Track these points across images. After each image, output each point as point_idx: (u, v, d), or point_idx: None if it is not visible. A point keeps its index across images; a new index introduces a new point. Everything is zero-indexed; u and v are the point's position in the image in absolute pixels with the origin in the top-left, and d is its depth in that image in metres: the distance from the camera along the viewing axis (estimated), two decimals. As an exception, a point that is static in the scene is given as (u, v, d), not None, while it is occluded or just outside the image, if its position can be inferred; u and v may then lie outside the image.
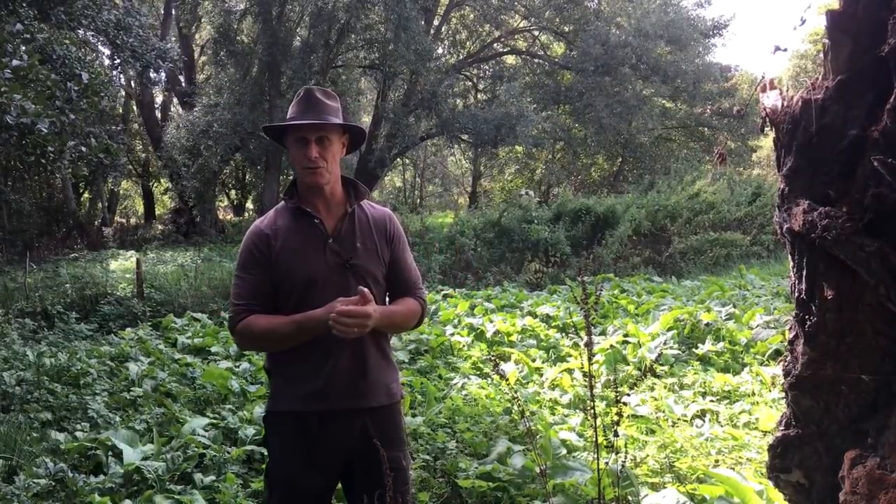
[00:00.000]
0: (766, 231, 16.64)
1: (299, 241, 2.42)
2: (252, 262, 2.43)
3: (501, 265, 16.22)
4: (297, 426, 2.40)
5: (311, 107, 2.43)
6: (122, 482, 4.04)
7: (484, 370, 6.90)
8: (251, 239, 2.46)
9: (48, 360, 6.52)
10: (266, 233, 2.44)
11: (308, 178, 2.42)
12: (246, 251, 2.46)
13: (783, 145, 1.73)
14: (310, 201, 2.47)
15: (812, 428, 1.78)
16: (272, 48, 20.06)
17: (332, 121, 2.44)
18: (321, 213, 2.46)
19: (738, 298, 9.67)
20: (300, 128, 2.41)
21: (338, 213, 2.49)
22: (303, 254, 2.40)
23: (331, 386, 2.37)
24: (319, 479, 2.42)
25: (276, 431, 2.47)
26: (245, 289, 2.43)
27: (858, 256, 1.49)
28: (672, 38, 24.64)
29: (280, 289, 2.40)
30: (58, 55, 8.82)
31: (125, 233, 24.24)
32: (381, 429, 2.42)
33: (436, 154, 33.43)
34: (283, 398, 2.44)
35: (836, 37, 1.57)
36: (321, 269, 2.39)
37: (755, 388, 5.80)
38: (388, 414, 2.48)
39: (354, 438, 2.39)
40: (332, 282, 2.38)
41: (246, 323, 2.38)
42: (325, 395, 2.38)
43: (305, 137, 2.40)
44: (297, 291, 2.37)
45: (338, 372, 2.38)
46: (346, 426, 2.40)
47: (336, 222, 2.47)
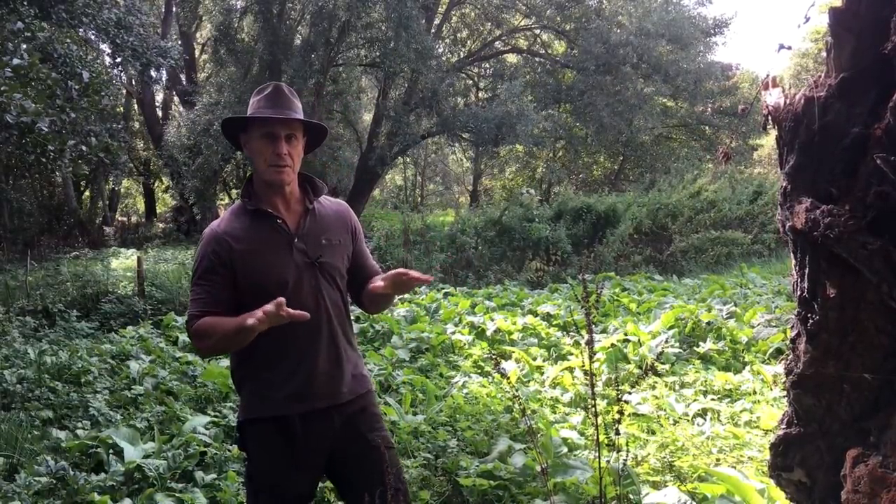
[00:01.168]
0: (768, 230, 16.62)
1: (263, 243, 2.34)
2: (208, 269, 2.31)
3: (502, 264, 16.23)
4: (277, 431, 2.35)
5: (280, 103, 2.34)
6: (123, 480, 4.04)
7: (485, 368, 6.90)
8: (209, 244, 2.34)
9: (49, 358, 6.52)
10: (225, 237, 2.33)
11: (274, 175, 2.33)
12: (204, 258, 2.33)
13: (785, 143, 1.73)
14: (269, 201, 2.39)
15: (814, 426, 1.78)
16: (273, 47, 20.05)
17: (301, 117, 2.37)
18: (281, 212, 2.39)
19: (740, 297, 9.66)
20: (269, 123, 2.32)
21: (297, 210, 2.43)
22: (269, 256, 2.33)
23: (311, 386, 2.35)
24: (305, 479, 2.41)
25: (256, 438, 2.39)
26: (204, 296, 2.30)
27: (861, 255, 1.49)
28: (673, 36, 24.60)
29: (248, 292, 2.30)
30: (59, 54, 8.83)
31: (126, 231, 24.28)
32: (362, 415, 2.44)
33: (436, 152, 33.41)
34: (260, 404, 2.37)
35: (838, 34, 1.57)
36: (290, 270, 2.33)
37: (756, 387, 5.79)
38: (365, 400, 2.48)
39: (336, 432, 2.39)
40: (303, 281, 2.34)
41: (199, 327, 2.25)
42: (306, 396, 2.34)
43: (274, 133, 2.31)
44: (267, 294, 2.19)
45: (316, 372, 2.35)
46: (327, 423, 2.38)
47: (298, 221, 2.40)
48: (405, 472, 4.10)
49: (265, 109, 2.34)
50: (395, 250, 15.79)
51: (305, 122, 2.42)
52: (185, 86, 23.72)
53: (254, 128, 2.36)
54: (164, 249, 18.74)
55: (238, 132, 2.44)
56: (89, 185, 25.58)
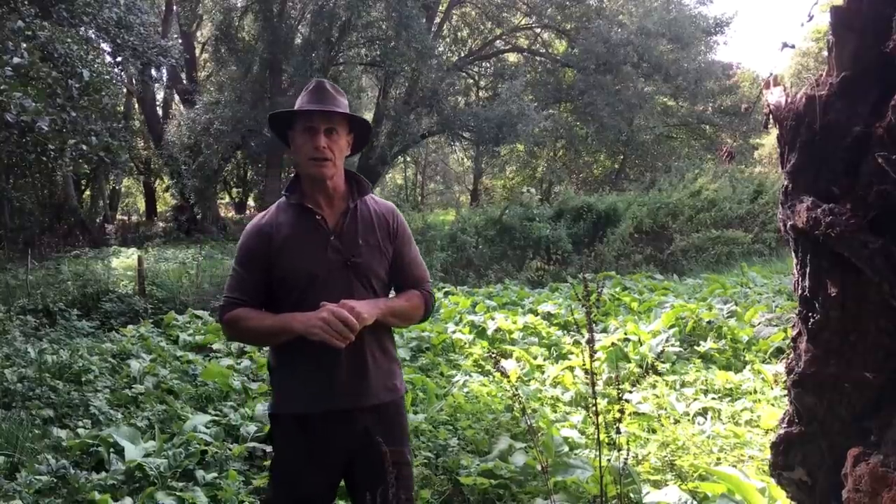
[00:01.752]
0: (768, 229, 16.61)
1: (301, 238, 2.37)
2: (248, 259, 2.40)
3: (503, 263, 16.23)
4: (299, 427, 2.37)
5: (322, 98, 2.37)
6: (124, 479, 4.04)
7: (486, 367, 6.90)
8: (250, 236, 2.42)
9: (50, 357, 6.52)
10: (266, 230, 2.39)
11: (313, 169, 2.35)
12: (244, 247, 2.42)
13: (787, 142, 1.72)
14: (312, 197, 2.41)
15: (815, 426, 1.77)
16: (273, 46, 20.06)
17: (340, 109, 2.39)
18: (323, 209, 2.40)
19: (740, 296, 9.66)
20: (310, 116, 2.34)
21: (340, 208, 2.43)
22: (304, 251, 2.35)
23: (333, 386, 2.34)
24: (322, 478, 2.40)
25: (280, 431, 2.46)
26: (238, 283, 2.40)
27: (862, 254, 1.49)
28: (674, 36, 24.61)
29: (280, 286, 2.36)
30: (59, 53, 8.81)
31: (127, 230, 24.27)
32: (384, 425, 2.39)
33: (437, 152, 33.42)
34: (286, 400, 2.41)
35: (840, 33, 1.56)
36: (322, 267, 2.34)
37: (757, 386, 5.79)
38: (390, 410, 2.45)
39: (357, 436, 2.36)
40: (334, 279, 2.34)
41: (233, 315, 2.36)
42: (328, 396, 2.35)
43: (314, 127, 2.34)
44: (298, 288, 2.32)
45: (340, 372, 2.34)
46: (348, 425, 2.37)
47: (338, 219, 2.41)
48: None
49: (307, 104, 2.37)
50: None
51: (349, 119, 2.44)
52: (185, 85, 23.72)
53: (297, 122, 2.39)
54: (164, 248, 18.73)
55: (286, 130, 2.47)
56: (90, 184, 25.57)
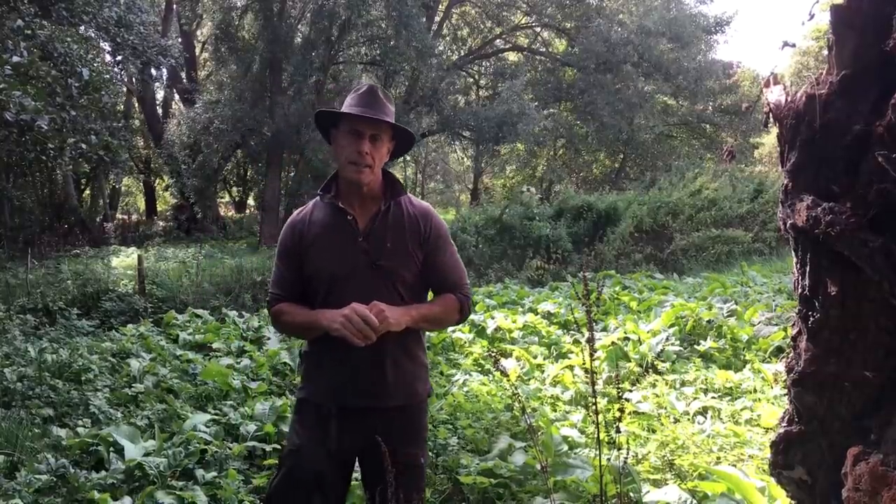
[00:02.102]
0: (768, 228, 16.61)
1: (331, 236, 2.42)
2: (284, 254, 2.51)
3: (503, 262, 16.22)
4: (318, 416, 2.43)
5: (373, 103, 2.38)
6: (124, 478, 4.04)
7: (485, 367, 6.90)
8: (285, 231, 2.53)
9: (50, 356, 6.53)
10: (299, 226, 2.48)
11: (352, 173, 2.37)
12: (281, 243, 2.53)
13: (787, 141, 1.72)
14: (346, 197, 2.45)
15: (815, 424, 1.77)
16: (273, 45, 20.04)
17: (389, 119, 2.41)
18: (356, 209, 2.43)
19: (740, 295, 9.66)
20: (358, 120, 2.36)
21: (372, 209, 2.44)
22: (332, 250, 2.40)
23: (350, 383, 2.38)
24: (325, 458, 2.40)
25: (300, 414, 2.54)
26: (277, 279, 2.53)
27: (862, 252, 1.49)
28: (674, 35, 24.60)
29: (310, 282, 2.45)
30: (59, 52, 8.81)
31: (127, 229, 24.27)
32: (400, 427, 2.40)
33: (437, 151, 33.41)
34: (309, 387, 2.50)
35: (840, 32, 1.56)
36: (347, 267, 2.37)
37: (757, 385, 5.79)
38: (407, 413, 2.45)
39: (368, 434, 2.33)
40: (358, 281, 2.35)
41: (275, 310, 2.49)
42: (344, 392, 2.39)
43: (360, 131, 2.36)
44: (323, 287, 2.40)
45: (358, 370, 2.37)
46: (362, 423, 2.39)
47: (369, 220, 2.42)
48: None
49: (356, 108, 2.38)
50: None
51: (394, 127, 2.46)
52: (185, 84, 23.71)
53: (342, 123, 2.42)
54: (164, 247, 18.74)
55: (331, 126, 2.50)
56: (90, 184, 25.58)
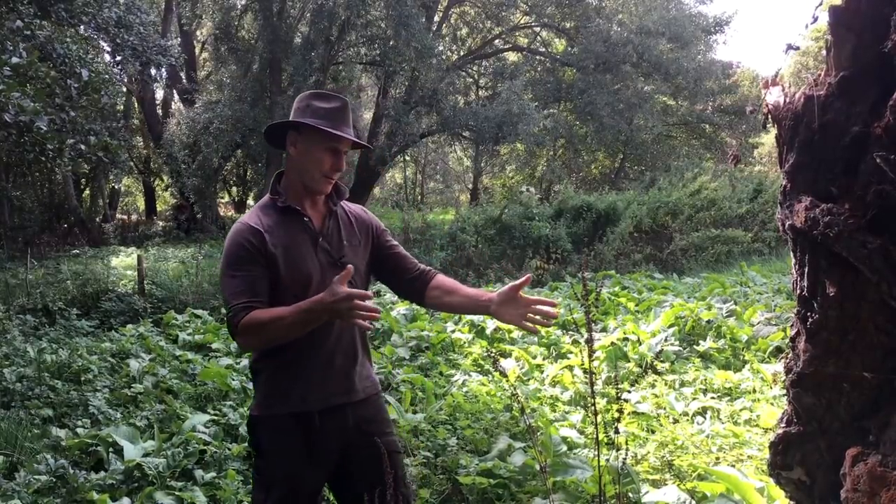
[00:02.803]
0: (768, 228, 16.62)
1: (290, 239, 2.39)
2: (246, 258, 2.32)
3: (502, 262, 16.22)
4: (297, 426, 2.38)
5: (346, 119, 2.44)
6: (123, 479, 4.04)
7: (485, 367, 6.90)
8: (242, 235, 2.35)
9: (49, 356, 6.52)
10: (258, 228, 2.35)
11: (324, 186, 2.44)
12: (237, 247, 2.33)
13: (785, 142, 1.72)
14: (298, 200, 2.45)
15: (814, 425, 1.77)
16: (273, 45, 20.03)
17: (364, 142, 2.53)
18: (308, 211, 2.46)
19: (740, 295, 9.66)
20: (340, 139, 2.41)
21: (322, 211, 2.51)
22: (295, 253, 2.38)
23: (328, 383, 2.41)
24: (319, 475, 2.44)
25: (273, 433, 2.40)
26: (242, 286, 2.28)
27: (861, 253, 1.49)
28: (674, 35, 24.58)
29: (277, 287, 2.34)
30: (58, 53, 8.80)
31: (126, 229, 24.24)
32: (373, 417, 2.51)
33: (437, 151, 33.40)
34: (281, 400, 2.39)
35: (839, 33, 1.56)
36: (315, 269, 2.39)
37: (756, 385, 5.79)
38: (376, 402, 2.56)
39: (349, 430, 2.44)
40: (326, 280, 2.32)
41: (250, 318, 2.22)
42: (324, 393, 2.40)
43: (339, 149, 2.42)
44: (292, 291, 2.33)
45: (334, 368, 2.42)
46: (342, 420, 2.43)
47: (322, 221, 2.48)
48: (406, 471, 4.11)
49: (333, 123, 2.39)
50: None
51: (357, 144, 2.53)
52: (185, 84, 23.70)
53: (317, 136, 2.38)
54: (164, 247, 18.72)
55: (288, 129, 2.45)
56: (90, 184, 25.56)
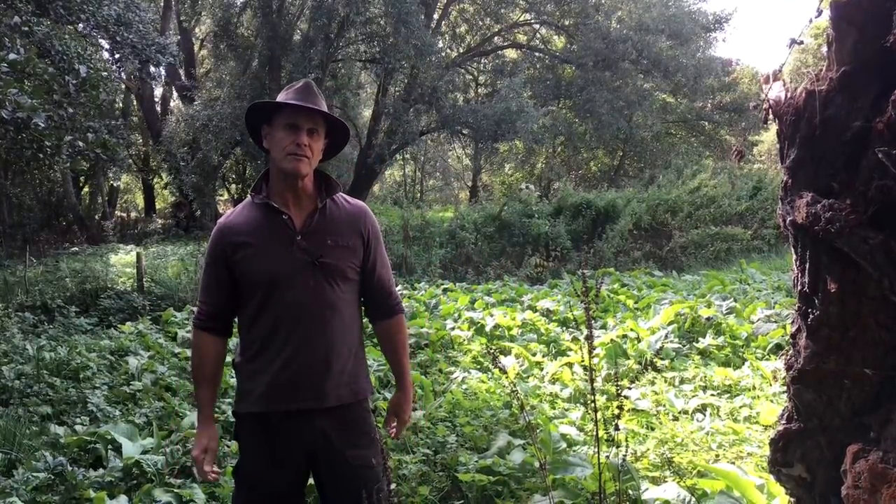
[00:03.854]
0: (767, 225, 16.63)
1: (264, 237, 2.34)
2: (213, 259, 2.39)
3: (502, 259, 16.23)
4: (259, 426, 2.36)
5: (309, 98, 2.35)
6: (122, 476, 4.03)
7: (484, 364, 6.90)
8: (214, 236, 2.41)
9: (48, 353, 6.52)
10: (227, 230, 2.38)
11: (291, 164, 2.30)
12: (210, 247, 2.42)
13: (786, 137, 1.72)
14: (280, 196, 2.37)
15: (814, 422, 1.77)
16: (272, 42, 20.02)
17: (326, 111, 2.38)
18: (290, 208, 2.37)
19: (739, 293, 9.66)
20: (296, 113, 2.32)
21: (308, 208, 2.39)
22: (267, 251, 2.32)
23: (292, 385, 2.31)
24: (282, 478, 2.37)
25: (242, 431, 2.45)
26: (207, 287, 2.43)
27: (862, 249, 1.48)
28: (673, 32, 24.57)
29: (244, 286, 2.35)
30: (56, 50, 8.78)
31: (125, 227, 24.25)
32: (346, 427, 2.37)
33: (436, 149, 33.39)
34: (246, 398, 2.39)
35: (840, 28, 1.56)
36: (286, 268, 2.31)
37: (756, 383, 5.79)
38: (352, 412, 2.41)
39: (316, 437, 2.34)
40: (299, 280, 2.31)
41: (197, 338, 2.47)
42: (287, 395, 2.31)
43: (298, 124, 2.32)
44: (260, 290, 2.31)
45: (300, 370, 2.31)
46: (307, 425, 2.34)
47: (305, 218, 2.37)
48: (404, 468, 4.10)
49: (292, 101, 2.35)
50: (395, 246, 15.81)
51: (329, 122, 2.43)
52: (184, 81, 23.67)
53: (278, 118, 2.36)
54: (163, 245, 18.71)
55: (262, 125, 2.43)
56: (88, 181, 25.55)
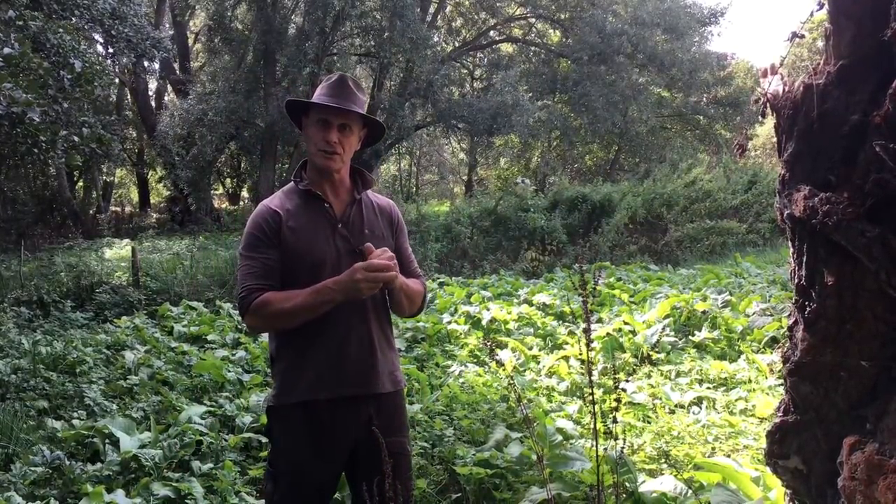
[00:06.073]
0: (763, 219, 16.66)
1: (309, 223, 2.41)
2: (263, 242, 2.38)
3: (498, 253, 16.23)
4: (305, 416, 2.38)
5: (342, 93, 2.42)
6: (120, 470, 4.04)
7: (481, 358, 6.91)
8: (261, 217, 2.41)
9: (44, 348, 6.52)
10: (277, 212, 2.41)
11: (322, 161, 2.41)
12: (255, 228, 2.41)
13: (784, 131, 1.72)
14: (319, 185, 2.46)
15: (811, 414, 1.78)
16: (267, 36, 19.94)
17: (357, 109, 2.44)
18: (330, 197, 2.46)
19: (735, 286, 9.69)
20: (326, 110, 2.40)
21: (345, 199, 2.50)
22: (312, 237, 2.39)
23: (341, 372, 2.37)
24: (326, 467, 2.42)
25: (283, 423, 2.44)
26: (257, 269, 2.36)
27: (859, 242, 1.49)
28: (669, 26, 24.56)
29: (289, 270, 2.38)
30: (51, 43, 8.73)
31: (120, 221, 24.15)
32: (388, 415, 2.44)
33: (432, 143, 33.35)
34: (291, 390, 2.39)
35: (838, 21, 1.56)
36: (330, 254, 2.39)
37: (751, 376, 5.82)
38: (393, 400, 2.49)
39: (361, 425, 2.38)
40: (340, 267, 2.36)
41: (262, 300, 2.30)
42: (335, 382, 2.37)
43: (329, 121, 2.40)
44: (304, 275, 2.35)
45: (348, 358, 2.38)
46: (354, 413, 2.39)
47: (344, 208, 2.48)
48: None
49: (325, 97, 2.41)
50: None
51: (364, 117, 2.49)
52: (178, 75, 23.58)
53: (311, 113, 2.46)
54: (158, 239, 18.64)
55: (302, 115, 2.52)
56: (83, 176, 25.44)
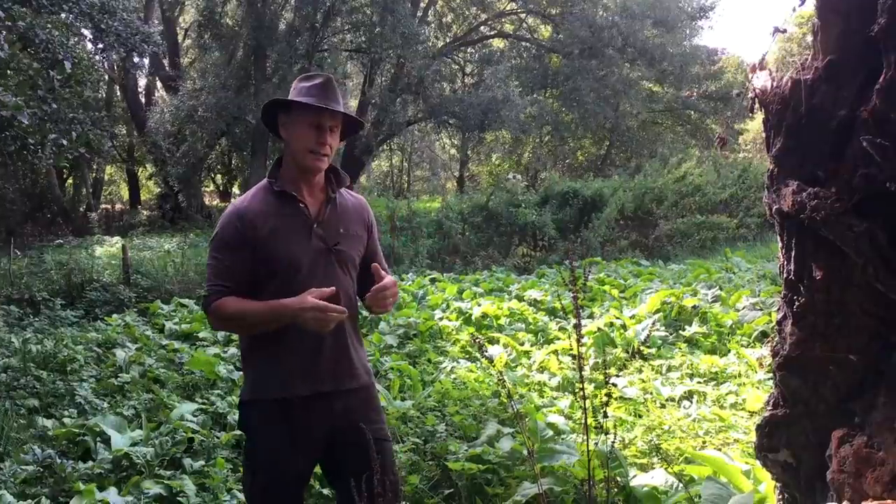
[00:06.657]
0: (752, 214, 16.72)
1: (283, 224, 2.39)
2: (232, 243, 2.38)
3: (489, 249, 16.25)
4: (279, 412, 2.38)
5: (331, 95, 2.41)
6: (111, 468, 4.03)
7: (473, 353, 6.92)
8: (232, 219, 2.41)
9: (34, 346, 6.48)
10: (249, 215, 2.39)
11: (312, 161, 2.40)
12: (223, 230, 2.41)
13: (772, 126, 1.73)
14: (295, 184, 2.44)
15: (800, 408, 1.79)
16: (257, 31, 19.84)
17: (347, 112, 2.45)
18: (306, 197, 2.44)
19: (725, 281, 9.73)
20: (321, 113, 2.39)
21: (320, 198, 2.49)
22: (287, 237, 2.38)
23: (315, 368, 2.38)
24: (304, 460, 2.44)
25: (257, 418, 2.44)
26: (223, 270, 2.38)
27: (847, 237, 1.50)
28: (659, 18, 24.58)
29: (261, 272, 2.37)
30: (40, 39, 8.66)
31: (110, 219, 24.02)
32: (364, 406, 2.47)
33: (423, 139, 33.30)
34: (263, 385, 2.41)
35: (826, 17, 1.57)
36: (306, 254, 2.38)
37: (741, 370, 5.85)
38: (368, 391, 2.52)
39: (337, 417, 2.41)
40: (317, 267, 2.38)
41: (220, 304, 2.35)
42: (312, 379, 2.38)
43: (323, 124, 2.39)
44: (279, 275, 2.35)
45: (321, 354, 2.39)
46: (328, 407, 2.40)
47: (320, 207, 2.47)
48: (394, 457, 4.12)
49: (314, 99, 2.39)
50: (382, 237, 15.79)
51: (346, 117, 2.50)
52: (168, 71, 23.45)
53: (301, 113, 2.41)
54: (148, 237, 18.57)
55: (278, 112, 2.49)
56: (73, 173, 25.29)
